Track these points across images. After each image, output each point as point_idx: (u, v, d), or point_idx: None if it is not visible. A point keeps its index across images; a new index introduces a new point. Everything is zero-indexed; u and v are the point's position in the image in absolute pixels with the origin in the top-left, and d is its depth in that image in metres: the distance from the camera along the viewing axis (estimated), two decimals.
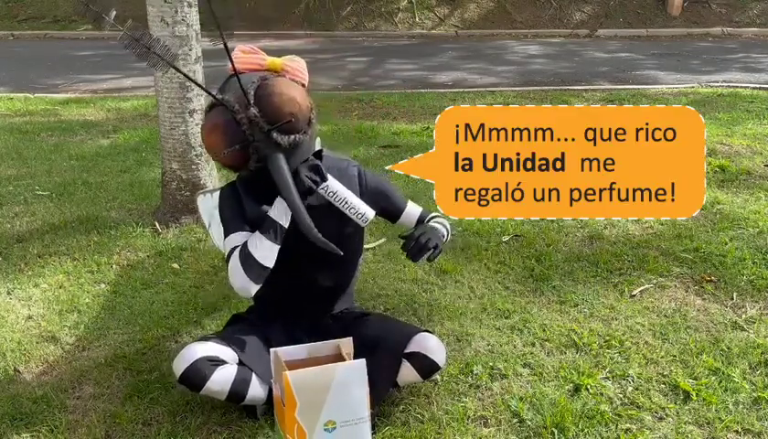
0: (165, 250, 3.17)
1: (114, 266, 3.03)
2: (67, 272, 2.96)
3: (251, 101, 1.86)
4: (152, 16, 3.22)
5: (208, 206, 2.73)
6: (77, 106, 6.26)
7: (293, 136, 1.87)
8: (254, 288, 1.92)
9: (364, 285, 2.81)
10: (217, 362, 1.92)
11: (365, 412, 1.84)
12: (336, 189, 1.98)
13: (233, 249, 1.94)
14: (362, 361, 1.84)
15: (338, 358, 1.92)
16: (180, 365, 1.90)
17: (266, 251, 1.91)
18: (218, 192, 2.14)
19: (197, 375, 1.89)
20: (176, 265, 3.03)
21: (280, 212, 1.93)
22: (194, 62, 3.29)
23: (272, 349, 1.93)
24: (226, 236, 2.01)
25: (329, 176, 1.96)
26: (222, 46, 1.91)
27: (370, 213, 1.98)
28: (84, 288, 2.82)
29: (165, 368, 2.26)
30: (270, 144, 1.86)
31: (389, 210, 2.18)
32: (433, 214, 2.23)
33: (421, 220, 2.19)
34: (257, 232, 1.93)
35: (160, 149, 3.52)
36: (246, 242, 1.93)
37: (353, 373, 1.82)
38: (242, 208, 2.01)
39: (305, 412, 1.78)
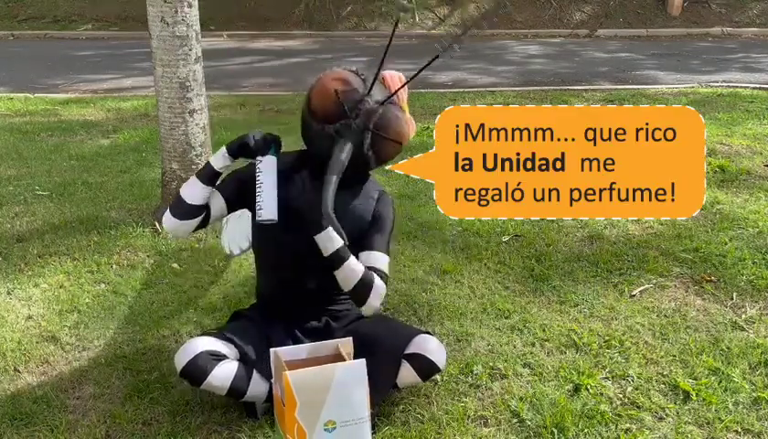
0: (165, 250, 3.17)
1: (114, 266, 3.03)
2: (67, 272, 2.96)
3: (382, 103, 1.96)
4: (152, 15, 3.22)
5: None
6: (77, 106, 6.26)
7: (371, 151, 1.97)
8: (176, 222, 2.03)
9: None
10: (218, 357, 1.93)
11: (365, 413, 1.84)
12: (261, 172, 1.96)
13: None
14: (362, 361, 1.84)
15: (338, 358, 1.92)
16: (182, 359, 1.91)
17: (197, 192, 2.03)
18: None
19: (198, 369, 1.90)
20: (176, 265, 3.03)
21: (217, 158, 2.03)
22: (194, 62, 3.29)
23: (271, 349, 1.94)
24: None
25: (268, 158, 1.97)
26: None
27: (267, 215, 1.92)
28: (84, 288, 2.82)
29: (165, 368, 2.26)
30: (357, 137, 1.93)
31: (364, 241, 2.05)
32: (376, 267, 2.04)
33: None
34: (196, 179, 2.04)
35: (160, 149, 3.52)
36: (187, 184, 2.06)
37: (353, 373, 1.82)
38: (248, 180, 2.03)
39: (305, 412, 1.78)
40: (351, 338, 1.96)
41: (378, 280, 1.99)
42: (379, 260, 2.04)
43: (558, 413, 2.02)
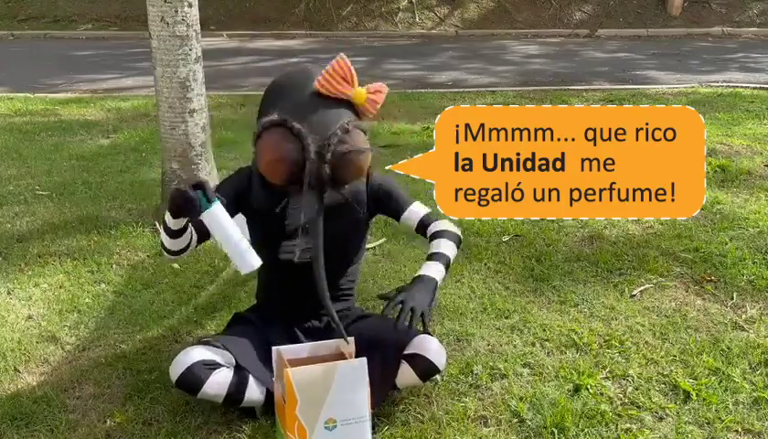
0: None
1: (114, 266, 3.03)
2: (67, 272, 2.96)
3: (328, 158, 1.86)
4: (152, 15, 3.22)
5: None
6: (77, 106, 6.26)
7: (338, 189, 1.93)
8: (171, 258, 2.05)
9: (364, 285, 2.81)
10: (212, 366, 1.92)
11: (365, 412, 1.84)
12: (211, 229, 1.80)
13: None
14: (363, 360, 1.84)
15: (339, 357, 1.92)
16: (176, 370, 1.90)
17: (177, 243, 1.95)
18: None
19: (192, 379, 1.89)
20: (176, 265, 3.03)
21: (168, 221, 1.90)
22: (194, 62, 3.29)
23: (273, 347, 1.94)
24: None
25: (209, 212, 1.79)
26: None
27: (247, 270, 1.81)
28: (84, 288, 2.82)
29: (165, 367, 2.26)
30: (318, 195, 1.90)
31: (391, 210, 2.18)
32: (438, 228, 2.15)
33: (423, 225, 2.16)
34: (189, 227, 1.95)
35: (160, 149, 3.52)
36: (170, 223, 1.93)
37: (354, 372, 1.82)
38: (243, 190, 2.04)
39: (306, 410, 1.78)
40: (352, 338, 1.96)
41: (444, 228, 2.16)
42: (418, 209, 2.18)
43: (558, 413, 2.02)
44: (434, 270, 2.04)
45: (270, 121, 1.89)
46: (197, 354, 1.92)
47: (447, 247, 2.11)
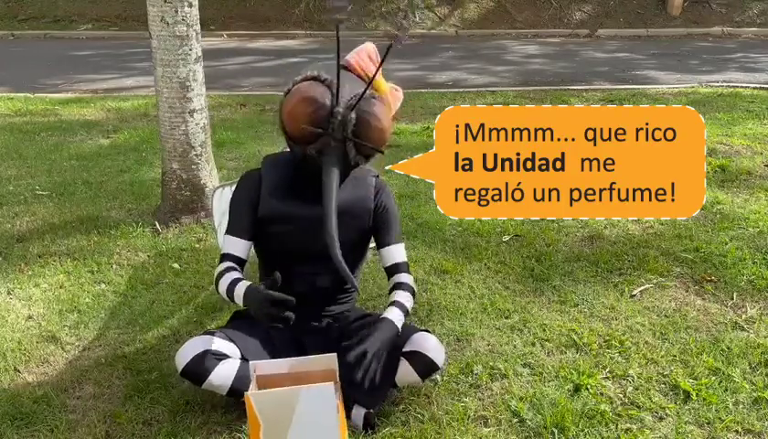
0: (165, 250, 3.17)
1: (114, 266, 3.03)
2: (67, 271, 2.96)
3: (354, 107, 1.89)
4: (152, 15, 3.22)
5: (223, 205, 2.66)
6: (77, 106, 6.26)
7: (360, 157, 1.95)
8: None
9: (364, 285, 2.81)
10: (220, 356, 1.92)
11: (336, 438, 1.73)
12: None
13: (221, 263, 2.04)
14: (330, 385, 1.71)
15: (325, 374, 1.81)
16: (183, 357, 1.91)
17: (233, 300, 1.98)
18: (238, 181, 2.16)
19: (199, 368, 1.89)
20: (176, 265, 3.03)
21: (238, 297, 1.94)
22: (194, 62, 3.29)
23: (250, 362, 1.85)
24: (227, 231, 2.08)
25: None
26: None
27: None
28: (84, 288, 2.82)
29: (165, 368, 2.26)
30: (339, 150, 1.91)
31: (379, 234, 2.16)
32: (403, 280, 2.13)
33: (394, 269, 2.15)
34: (241, 287, 1.93)
35: (160, 149, 3.52)
36: (224, 274, 2.00)
37: (319, 397, 1.69)
38: (256, 200, 2.04)
39: (270, 435, 1.70)
40: (335, 355, 1.85)
41: (407, 282, 2.13)
42: (399, 252, 2.16)
43: (558, 413, 2.02)
44: (397, 316, 2.03)
45: (302, 76, 1.96)
46: (205, 343, 1.93)
47: (406, 298, 2.10)
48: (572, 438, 1.96)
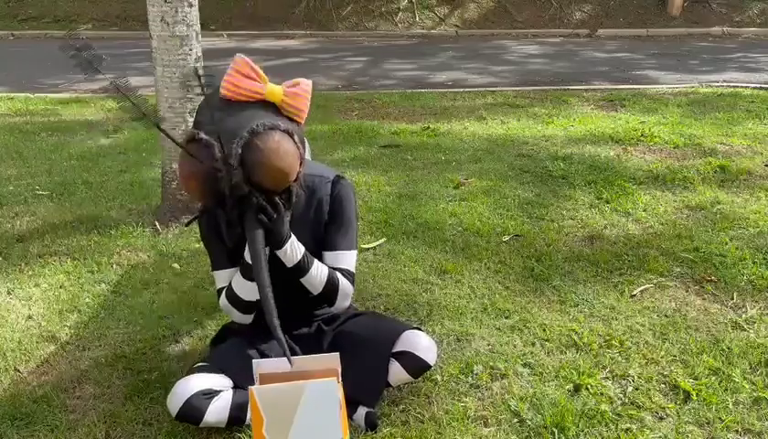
0: (165, 250, 3.17)
1: (114, 266, 3.03)
2: (67, 271, 2.96)
3: (235, 165, 1.69)
4: (152, 15, 3.22)
5: None
6: (77, 106, 6.26)
7: (281, 199, 1.80)
8: (249, 318, 2.03)
9: (364, 285, 2.81)
10: (210, 394, 1.89)
11: (339, 434, 1.74)
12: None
13: (221, 289, 2.03)
14: (333, 380, 1.74)
15: (327, 373, 1.82)
16: (174, 404, 1.87)
17: (248, 289, 1.95)
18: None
19: (193, 411, 1.86)
20: (176, 265, 3.03)
21: (239, 279, 1.94)
22: (194, 62, 3.29)
23: (254, 361, 1.85)
24: (212, 268, 2.07)
25: None
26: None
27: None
28: (84, 288, 2.82)
29: (165, 368, 2.27)
30: (252, 203, 1.76)
31: (329, 232, 2.03)
32: (337, 273, 2.01)
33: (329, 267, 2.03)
34: (237, 274, 1.95)
35: (160, 149, 3.52)
36: (231, 284, 1.98)
37: (323, 392, 1.71)
38: (220, 233, 1.96)
39: (273, 430, 1.71)
40: (338, 354, 1.84)
41: (343, 281, 2.01)
42: (343, 258, 2.03)
43: (558, 413, 2.02)
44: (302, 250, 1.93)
45: (183, 139, 1.77)
46: (194, 384, 1.89)
47: (326, 270, 1.99)
48: (572, 438, 1.95)
